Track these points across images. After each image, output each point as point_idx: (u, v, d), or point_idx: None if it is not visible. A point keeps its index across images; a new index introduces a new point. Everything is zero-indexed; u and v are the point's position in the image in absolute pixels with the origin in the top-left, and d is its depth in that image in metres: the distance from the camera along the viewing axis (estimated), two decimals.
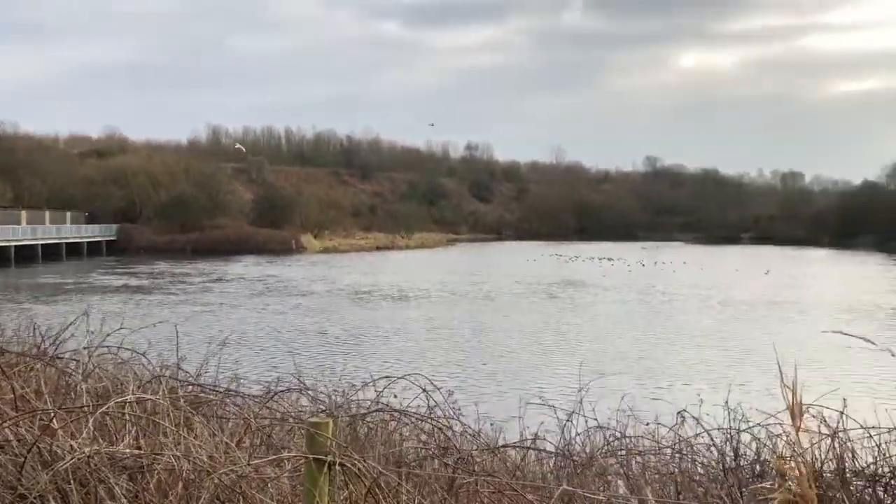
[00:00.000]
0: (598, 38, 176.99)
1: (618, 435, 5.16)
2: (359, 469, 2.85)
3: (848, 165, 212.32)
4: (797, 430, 2.45)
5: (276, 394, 4.98)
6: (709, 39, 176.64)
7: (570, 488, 2.79)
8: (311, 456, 2.82)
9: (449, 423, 5.30)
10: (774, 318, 22.30)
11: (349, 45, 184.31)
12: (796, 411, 2.42)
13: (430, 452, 4.08)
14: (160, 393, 3.61)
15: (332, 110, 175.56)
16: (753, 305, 25.36)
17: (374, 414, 5.19)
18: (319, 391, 5.84)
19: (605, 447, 4.85)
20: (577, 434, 5.24)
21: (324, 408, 5.33)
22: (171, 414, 3.36)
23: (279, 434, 4.22)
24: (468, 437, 5.17)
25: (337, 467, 2.83)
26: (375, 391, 5.82)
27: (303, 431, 3.24)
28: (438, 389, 5.77)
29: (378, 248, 68.36)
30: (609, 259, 50.88)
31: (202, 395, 4.64)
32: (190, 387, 4.88)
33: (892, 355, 4.20)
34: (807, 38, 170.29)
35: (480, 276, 37.35)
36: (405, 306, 24.80)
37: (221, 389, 4.98)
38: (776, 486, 2.73)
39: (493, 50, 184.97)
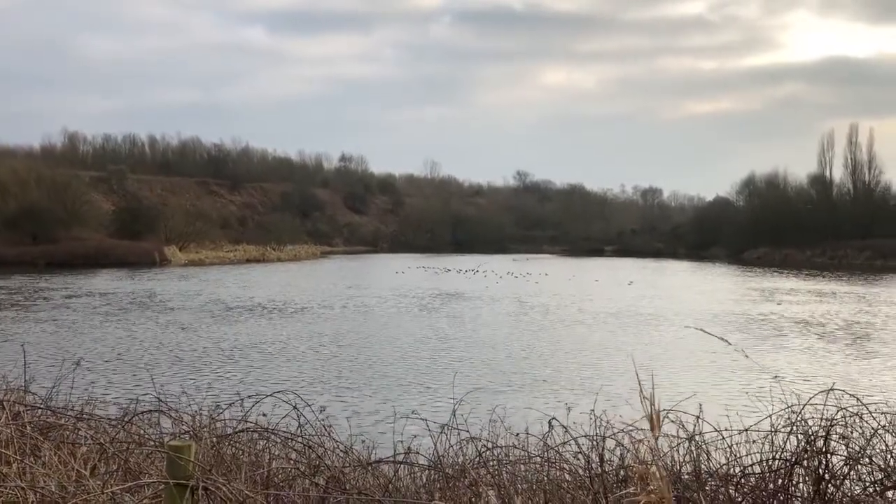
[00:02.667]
0: (467, 52, 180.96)
1: (489, 445, 5.22)
2: (223, 493, 2.72)
3: (703, 182, 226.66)
4: (655, 438, 2.54)
5: (135, 415, 4.70)
6: (572, 57, 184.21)
7: (440, 502, 2.78)
8: (171, 481, 2.67)
9: (320, 440, 5.20)
10: (638, 326, 23.36)
11: (212, 50, 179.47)
12: (654, 420, 2.51)
13: (301, 471, 3.97)
14: (2, 419, 3.32)
15: (199, 118, 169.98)
16: (618, 315, 26.47)
17: (242, 434, 5.00)
18: (183, 412, 5.57)
19: (477, 458, 4.89)
20: (451, 446, 5.25)
21: (187, 429, 5.08)
22: (16, 441, 3.09)
23: (138, 459, 3.98)
24: (340, 453, 5.08)
25: (200, 492, 2.69)
26: (243, 410, 5.62)
27: (164, 455, 3.06)
28: (309, 406, 5.65)
29: (248, 261, 66.51)
30: (475, 271, 51.81)
31: (52, 419, 4.31)
32: (39, 411, 4.53)
33: (745, 356, 4.46)
34: (662, 59, 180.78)
35: (352, 289, 37.07)
36: (276, 321, 24.21)
37: (74, 413, 4.65)
38: (638, 491, 2.83)
39: (362, 60, 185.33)
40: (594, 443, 4.79)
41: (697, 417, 5.35)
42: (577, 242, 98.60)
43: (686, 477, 5.12)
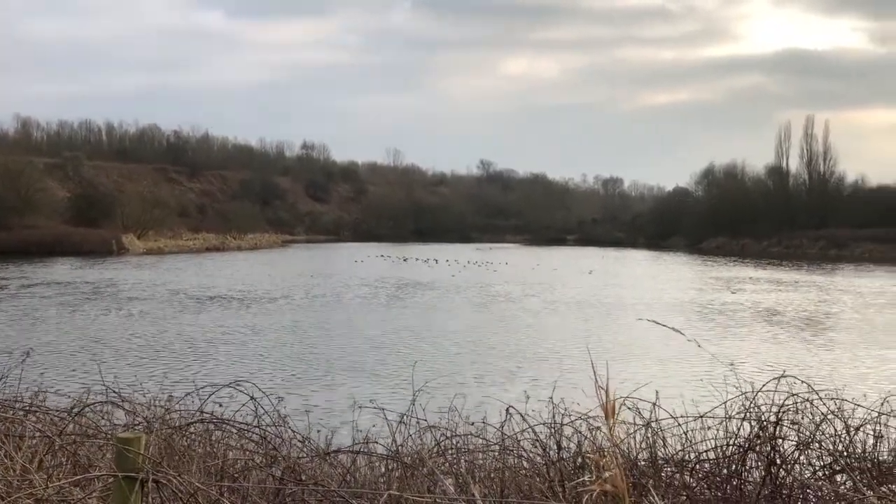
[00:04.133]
0: (428, 39, 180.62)
1: (448, 434, 5.22)
2: (174, 485, 2.67)
3: (663, 172, 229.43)
4: (610, 427, 2.55)
5: (85, 407, 4.59)
6: (533, 46, 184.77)
7: (396, 492, 2.76)
8: (120, 474, 2.61)
9: (277, 430, 5.14)
10: (597, 315, 23.60)
11: (169, 35, 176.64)
12: (608, 409, 2.52)
13: (256, 463, 3.92)
14: None
15: (157, 104, 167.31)
16: (578, 304, 26.71)
17: (197, 425, 4.93)
18: (137, 403, 5.47)
19: (436, 447, 4.89)
20: (409, 436, 5.24)
21: (140, 420, 4.99)
22: None
23: (88, 452, 3.89)
24: (297, 444, 5.03)
25: (150, 484, 2.64)
26: (200, 400, 5.54)
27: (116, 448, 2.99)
28: (267, 396, 5.59)
29: (208, 250, 65.65)
30: (437, 260, 51.81)
31: None
32: None
33: (698, 346, 4.51)
34: (623, 49, 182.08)
35: (313, 278, 36.84)
36: (235, 311, 23.94)
37: (22, 405, 4.53)
38: (594, 478, 2.85)
39: (322, 47, 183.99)
40: (552, 431, 4.82)
41: (654, 404, 5.41)
42: (539, 231, 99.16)
43: (642, 463, 5.18)
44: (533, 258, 59.35)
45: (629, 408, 5.49)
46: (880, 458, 5.09)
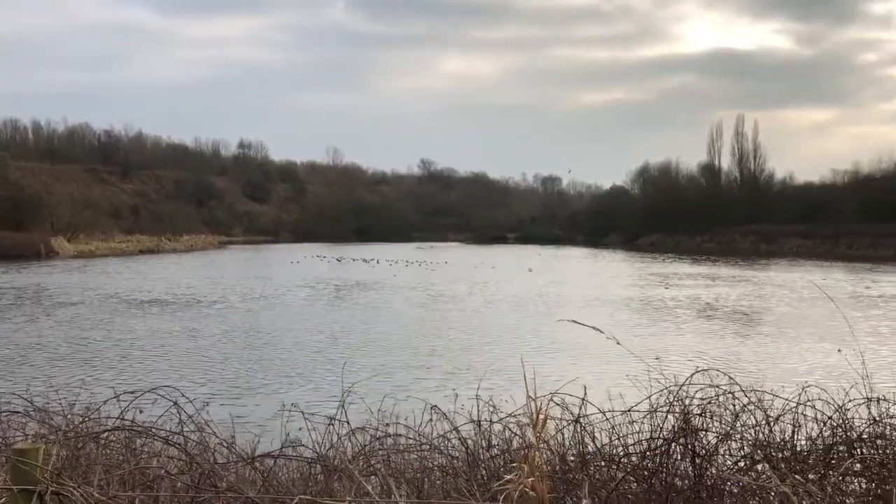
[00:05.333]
0: (364, 38, 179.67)
1: (378, 435, 5.17)
2: (77, 497, 2.55)
3: (600, 170, 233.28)
4: (534, 428, 2.54)
5: None
6: (470, 45, 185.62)
7: (307, 497, 2.70)
8: (15, 487, 2.48)
9: (201, 436, 5.01)
10: (536, 312, 23.80)
11: (99, 31, 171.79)
12: (533, 408, 2.51)
13: (168, 471, 3.80)
14: None
15: (87, 103, 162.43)
16: (515, 302, 26.91)
17: (118, 433, 4.76)
18: (53, 411, 5.26)
19: (365, 448, 4.83)
20: (338, 438, 5.17)
21: (52, 430, 4.79)
22: None
23: None
24: (222, 449, 4.91)
25: (48, 497, 2.51)
26: (119, 408, 5.36)
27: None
28: (191, 402, 5.44)
29: (142, 252, 64.03)
30: (378, 260, 51.58)
31: None
32: None
33: (617, 343, 4.55)
34: (558, 49, 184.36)
35: (250, 280, 36.27)
36: (167, 315, 23.38)
37: None
38: (518, 477, 2.84)
39: (256, 44, 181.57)
40: (479, 429, 4.81)
41: (583, 400, 5.46)
42: (480, 230, 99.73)
43: (571, 458, 5.22)
44: (474, 257, 59.62)
45: (558, 404, 5.53)
46: (798, 447, 5.23)
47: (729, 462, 5.09)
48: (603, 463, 5.18)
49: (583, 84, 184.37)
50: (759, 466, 5.07)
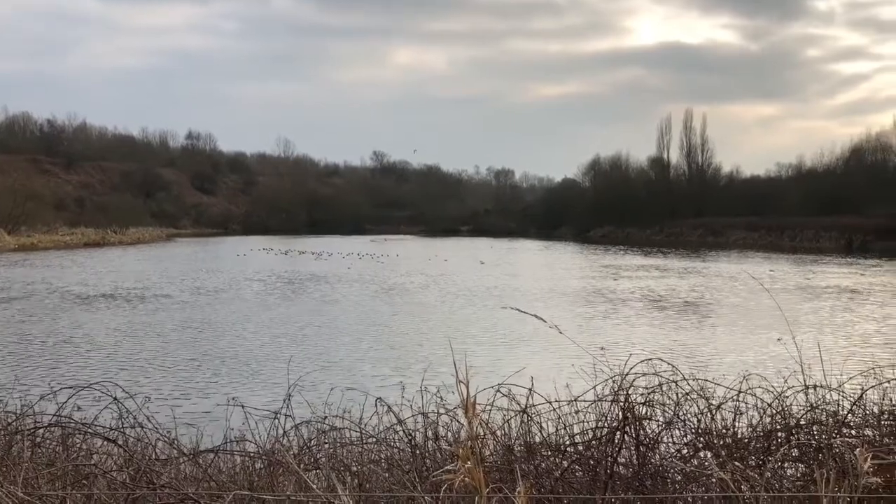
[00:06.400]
0: (313, 27, 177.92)
1: (324, 428, 5.13)
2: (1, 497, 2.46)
3: (553, 163, 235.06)
4: (466, 413, 2.53)
5: None
6: (421, 37, 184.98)
7: (244, 491, 2.65)
8: None
9: (143, 432, 4.90)
10: (488, 304, 23.89)
11: (38, 18, 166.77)
12: (468, 400, 2.50)
13: (102, 469, 3.70)
14: None
15: (28, 91, 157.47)
16: (467, 294, 26.98)
17: (52, 430, 4.63)
18: None
19: (309, 442, 4.78)
20: (283, 432, 5.12)
21: None
22: None
23: None
24: (164, 445, 4.82)
25: None
26: (57, 404, 5.22)
27: None
28: (132, 397, 5.33)
29: (86, 245, 62.43)
30: (330, 253, 51.18)
31: None
32: None
33: (560, 332, 4.58)
34: (511, 41, 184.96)
35: (199, 274, 35.68)
36: (111, 309, 22.86)
37: None
38: (457, 467, 2.83)
39: (203, 32, 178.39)
40: (426, 421, 4.80)
41: (530, 391, 5.50)
42: (433, 222, 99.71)
43: (518, 449, 5.25)
44: (427, 249, 59.61)
45: (505, 395, 5.56)
46: (739, 433, 5.34)
47: (672, 450, 5.18)
48: (549, 452, 5.23)
49: (536, 77, 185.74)
50: (702, 454, 5.18)
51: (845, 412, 5.54)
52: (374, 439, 4.76)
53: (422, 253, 54.56)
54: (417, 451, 4.63)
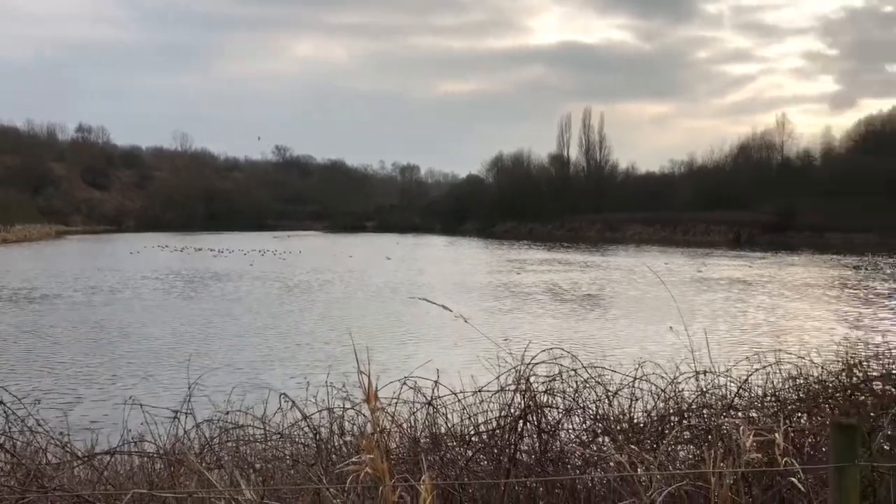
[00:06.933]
0: (210, 18, 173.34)
1: (227, 426, 5.03)
2: None
3: (457, 160, 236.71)
4: (368, 403, 2.55)
5: None
6: (322, 29, 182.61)
7: (142, 490, 2.59)
8: None
9: (32, 436, 4.69)
10: (392, 299, 23.90)
11: None
12: (370, 391, 2.53)
13: (3, 473, 3.53)
14: None
15: None
16: (374, 290, 26.91)
17: None
18: None
19: (212, 441, 4.69)
20: (184, 431, 4.99)
21: None
22: None
23: None
24: (56, 449, 4.61)
25: None
26: None
27: None
28: (20, 400, 5.08)
29: None
30: (231, 250, 49.97)
31: None
32: None
33: (465, 321, 4.65)
34: (415, 37, 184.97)
35: (90, 273, 34.17)
36: None
37: None
38: (360, 460, 2.84)
39: (94, 22, 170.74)
40: (331, 416, 4.79)
41: (435, 382, 5.56)
42: (338, 218, 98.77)
43: (424, 440, 5.30)
44: (333, 246, 59.04)
45: (411, 387, 5.60)
46: (635, 418, 5.57)
47: (572, 435, 5.35)
48: (454, 442, 5.31)
49: (440, 73, 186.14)
50: (601, 438, 5.37)
51: (732, 395, 5.85)
52: (279, 435, 4.71)
53: (326, 249, 54.01)
54: (323, 447, 4.62)
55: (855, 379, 5.33)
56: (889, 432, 3.66)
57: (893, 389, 4.97)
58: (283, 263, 39.90)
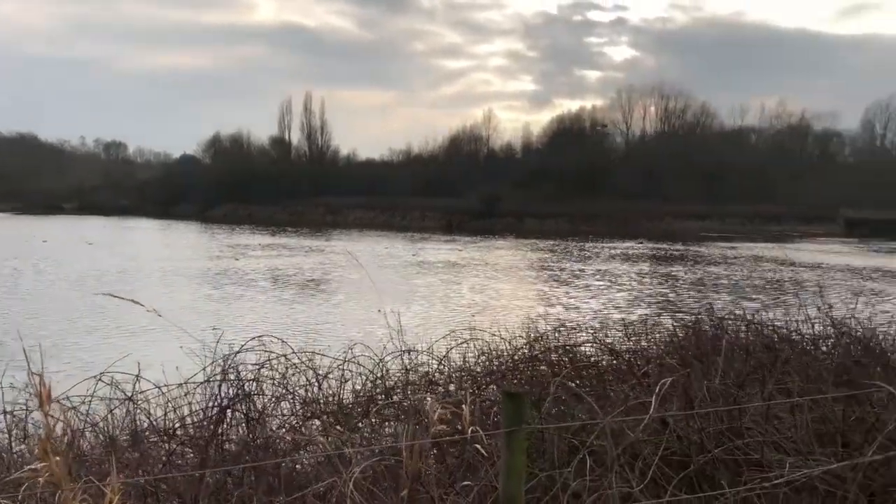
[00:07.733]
0: None
1: None
2: None
3: (171, 138, 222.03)
4: (44, 413, 2.39)
5: None
6: None
7: None
8: None
9: None
10: (93, 289, 22.05)
11: None
12: (43, 395, 2.36)
13: None
14: None
15: None
16: (79, 278, 24.66)
17: None
18: None
19: None
20: None
21: None
22: None
23: None
24: None
25: None
26: None
27: None
28: None
29: None
30: None
31: None
32: None
33: (159, 315, 4.49)
34: (125, 3, 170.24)
35: None
36: None
37: None
38: (38, 466, 2.64)
39: None
40: (12, 420, 4.37)
41: (137, 377, 5.29)
42: (30, 198, 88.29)
43: (124, 438, 5.02)
44: (23, 229, 52.79)
45: (108, 383, 5.27)
46: (345, 400, 5.77)
47: (283, 420, 5.40)
48: (156, 437, 5.09)
49: (154, 45, 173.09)
50: (311, 422, 5.48)
51: (434, 371, 6.30)
52: None
53: (14, 234, 48.14)
54: (3, 455, 4.20)
55: (535, 352, 6.00)
56: (556, 397, 4.19)
57: (564, 359, 5.68)
58: None
